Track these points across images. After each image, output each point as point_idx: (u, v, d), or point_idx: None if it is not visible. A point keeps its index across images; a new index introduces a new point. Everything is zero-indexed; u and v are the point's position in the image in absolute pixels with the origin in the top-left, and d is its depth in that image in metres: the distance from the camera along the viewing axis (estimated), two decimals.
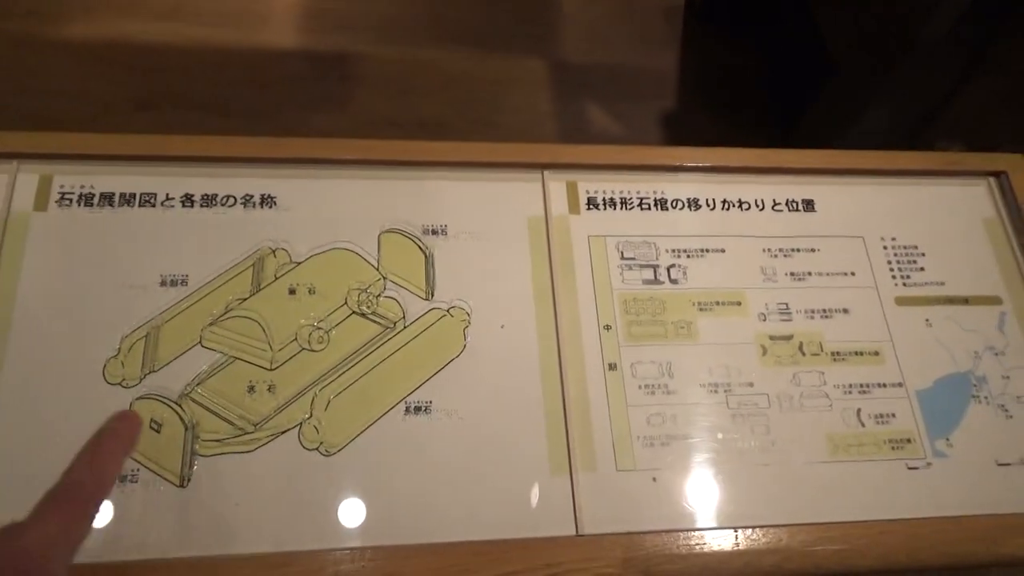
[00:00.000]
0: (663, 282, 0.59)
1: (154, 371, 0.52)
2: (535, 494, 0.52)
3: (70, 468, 0.40)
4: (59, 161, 0.57)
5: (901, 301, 0.61)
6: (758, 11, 1.78)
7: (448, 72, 1.76)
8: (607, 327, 0.57)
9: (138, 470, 0.49)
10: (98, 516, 0.45)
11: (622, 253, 0.60)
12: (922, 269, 0.62)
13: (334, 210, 0.58)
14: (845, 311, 0.60)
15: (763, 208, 0.63)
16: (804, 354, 0.58)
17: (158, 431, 0.50)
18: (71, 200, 0.56)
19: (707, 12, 1.85)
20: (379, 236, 0.58)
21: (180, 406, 0.51)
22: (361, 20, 1.81)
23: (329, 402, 0.53)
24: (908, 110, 1.39)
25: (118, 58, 1.65)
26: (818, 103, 1.49)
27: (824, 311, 0.60)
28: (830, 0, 1.46)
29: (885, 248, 0.63)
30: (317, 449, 0.51)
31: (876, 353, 0.59)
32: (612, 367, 0.56)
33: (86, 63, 1.64)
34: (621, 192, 0.62)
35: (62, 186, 0.56)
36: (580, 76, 1.80)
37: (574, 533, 0.50)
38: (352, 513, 0.50)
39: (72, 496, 0.39)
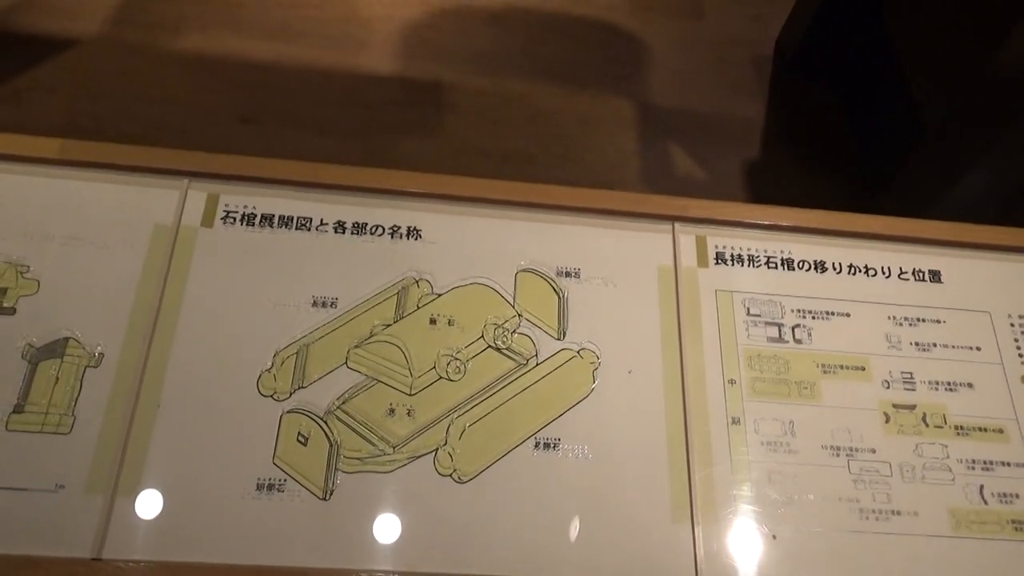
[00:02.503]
0: (788, 341, 0.60)
1: (303, 387, 0.55)
2: (656, 542, 0.53)
3: None
4: (226, 181, 0.61)
5: None
6: (848, 68, 1.77)
7: (537, 107, 1.80)
8: (731, 381, 0.58)
9: (285, 480, 0.52)
10: (248, 521, 0.48)
11: (748, 309, 0.61)
12: None
13: (475, 246, 0.61)
14: (970, 385, 0.60)
15: (889, 276, 0.64)
16: (927, 425, 0.58)
17: (304, 444, 0.53)
18: (235, 219, 0.60)
19: (797, 64, 1.85)
20: (516, 274, 0.61)
21: (326, 422, 0.54)
22: (456, 51, 1.86)
23: (464, 431, 0.55)
24: (1005, 180, 1.38)
25: (226, 72, 1.73)
26: (908, 167, 1.48)
27: (949, 384, 0.60)
28: (926, 65, 1.46)
29: (1012, 325, 0.63)
30: (451, 475, 0.53)
31: (1000, 431, 0.59)
32: (735, 421, 0.57)
33: (196, 75, 1.72)
34: (749, 249, 0.64)
35: (227, 205, 0.60)
36: (666, 119, 1.82)
37: None
38: (480, 541, 0.52)
39: None
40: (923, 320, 0.62)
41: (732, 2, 2.04)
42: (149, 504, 0.50)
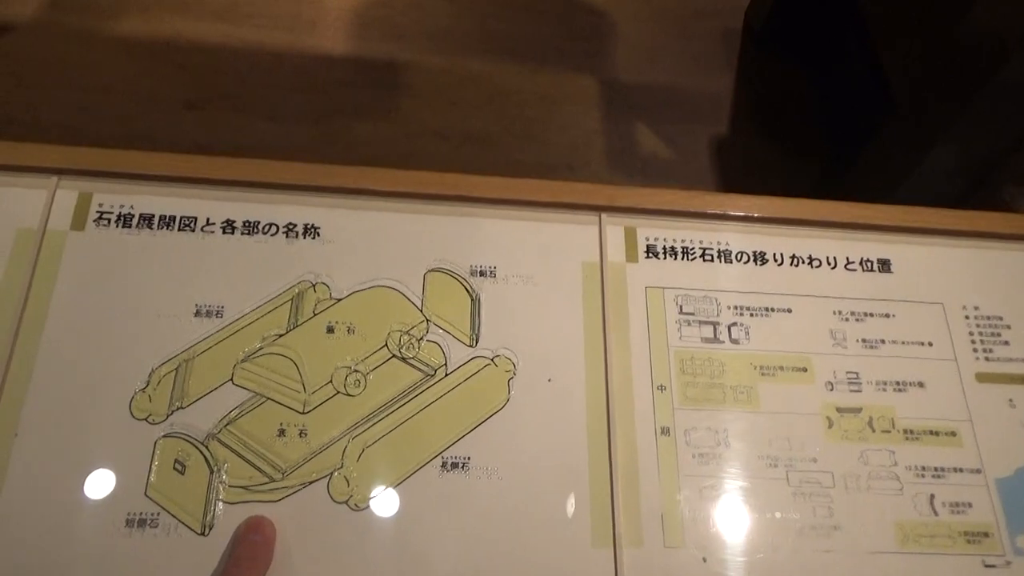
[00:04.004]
0: (723, 341, 0.55)
1: (182, 407, 0.49)
2: (574, 569, 0.48)
3: None
4: (100, 178, 0.55)
5: (982, 377, 0.56)
6: (818, 41, 1.72)
7: (497, 86, 1.74)
8: (661, 387, 0.53)
9: (158, 514, 0.47)
10: (115, 560, 0.43)
11: (681, 307, 0.56)
12: (1007, 343, 0.57)
13: (379, 245, 0.55)
14: (920, 385, 0.55)
15: (835, 266, 0.59)
16: (874, 430, 0.54)
17: (182, 472, 0.48)
18: (109, 220, 0.54)
19: (766, 38, 1.80)
20: (425, 275, 0.55)
21: (207, 447, 0.48)
22: (411, 29, 1.79)
23: (362, 452, 0.49)
24: (974, 153, 1.33)
25: (170, 56, 1.65)
26: (879, 140, 1.43)
27: (898, 383, 0.55)
28: (895, 36, 1.41)
29: (967, 317, 0.58)
30: (346, 503, 0.48)
31: (953, 434, 0.54)
32: (665, 431, 0.52)
33: (139, 60, 1.64)
34: (683, 241, 0.58)
35: (101, 204, 0.54)
36: (632, 96, 1.77)
37: None
38: (380, 575, 0.47)
39: None
40: (871, 314, 0.57)
41: None
42: (5, 544, 0.45)
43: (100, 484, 0.47)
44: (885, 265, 0.59)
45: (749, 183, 1.58)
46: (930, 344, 0.57)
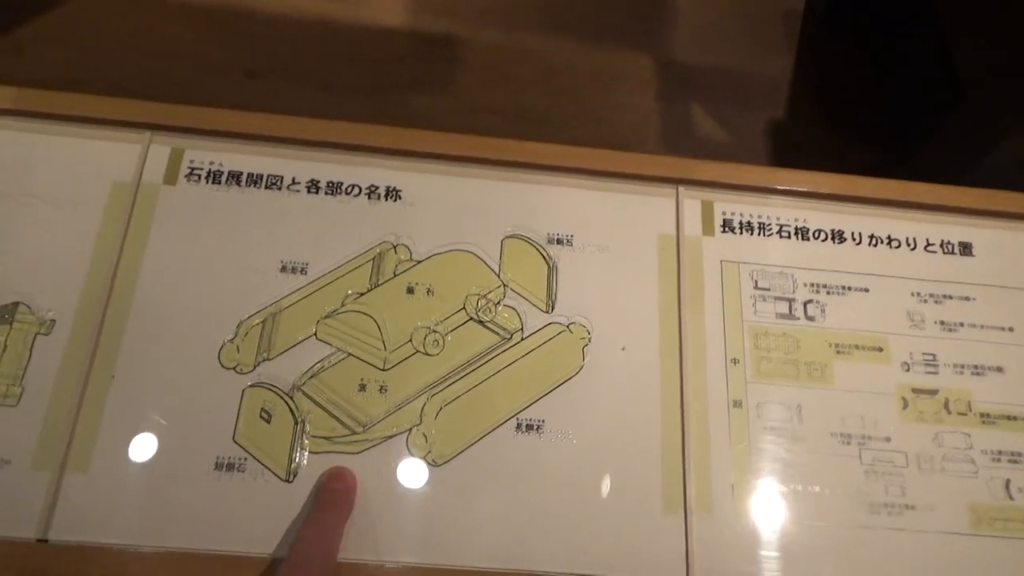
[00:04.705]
0: (799, 318, 0.55)
1: (268, 359, 0.51)
2: (645, 533, 0.49)
3: (296, 542, 0.44)
4: (191, 135, 0.57)
5: None
6: (883, 24, 1.68)
7: (552, 63, 1.73)
8: (735, 361, 0.53)
9: (246, 459, 0.48)
10: (205, 502, 0.45)
11: (756, 283, 0.56)
12: None
13: (459, 209, 0.56)
14: (999, 369, 0.55)
15: (914, 247, 0.58)
16: (950, 412, 0.53)
17: (268, 421, 0.49)
18: (200, 176, 0.56)
19: (828, 19, 1.76)
20: (503, 241, 0.56)
21: (291, 398, 0.50)
22: (468, 3, 1.79)
23: (440, 410, 0.51)
24: None
25: (231, 24, 1.67)
26: (946, 128, 1.40)
27: (976, 367, 0.54)
28: (967, 19, 1.37)
29: None
30: (425, 458, 0.49)
31: None
32: (737, 404, 0.52)
33: (201, 27, 1.67)
34: (760, 217, 0.58)
35: (192, 161, 0.56)
36: (688, 76, 1.74)
37: None
38: (456, 530, 0.48)
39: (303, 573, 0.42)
40: (950, 297, 0.56)
41: None
42: (99, 483, 0.47)
43: (191, 428, 0.49)
44: (967, 248, 0.58)
45: (806, 168, 1.56)
46: (1010, 329, 0.56)
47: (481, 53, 1.70)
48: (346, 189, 0.56)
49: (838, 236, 0.58)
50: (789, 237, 0.58)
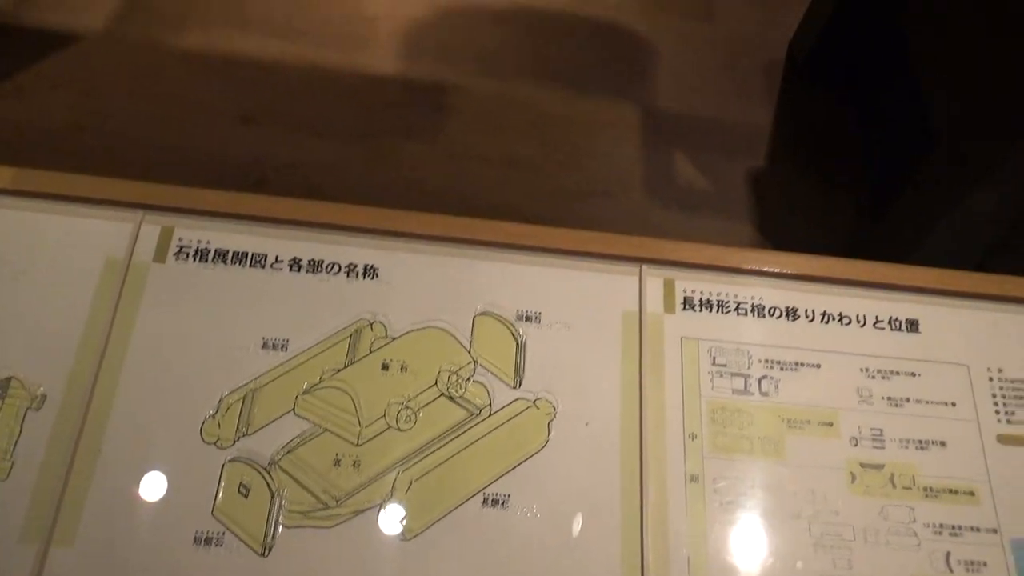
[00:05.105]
0: (753, 393, 0.58)
1: (247, 434, 0.54)
2: None
3: None
4: (181, 215, 0.60)
5: (1004, 439, 0.58)
6: (862, 75, 1.73)
7: (542, 111, 1.77)
8: (692, 436, 0.56)
9: (224, 533, 0.51)
10: (184, 574, 0.47)
11: (714, 359, 0.59)
12: None
13: (433, 287, 0.59)
14: (942, 444, 0.58)
15: (864, 324, 0.61)
16: (895, 486, 0.56)
17: (246, 496, 0.52)
18: (188, 254, 0.59)
19: (809, 69, 1.81)
20: (474, 318, 0.59)
21: (269, 473, 0.53)
22: (460, 52, 1.84)
23: (411, 485, 0.53)
24: (1017, 199, 1.33)
25: (228, 70, 1.72)
26: (918, 179, 1.44)
27: (920, 442, 0.57)
28: (940, 73, 1.42)
29: (991, 379, 0.60)
30: (395, 532, 0.52)
31: (971, 493, 0.56)
32: (694, 479, 0.55)
33: (199, 72, 1.71)
34: (719, 294, 0.61)
35: (181, 239, 0.59)
36: (672, 124, 1.79)
37: None
38: None
39: None
40: (897, 373, 0.60)
41: (744, 4, 2.00)
42: (84, 557, 0.50)
43: (173, 502, 0.51)
44: (913, 325, 0.62)
45: (786, 216, 1.60)
46: (953, 404, 0.59)
47: (472, 101, 1.75)
48: (326, 267, 0.60)
49: (792, 313, 0.61)
50: (746, 314, 0.61)
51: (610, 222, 1.53)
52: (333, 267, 0.60)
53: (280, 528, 0.51)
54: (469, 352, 0.58)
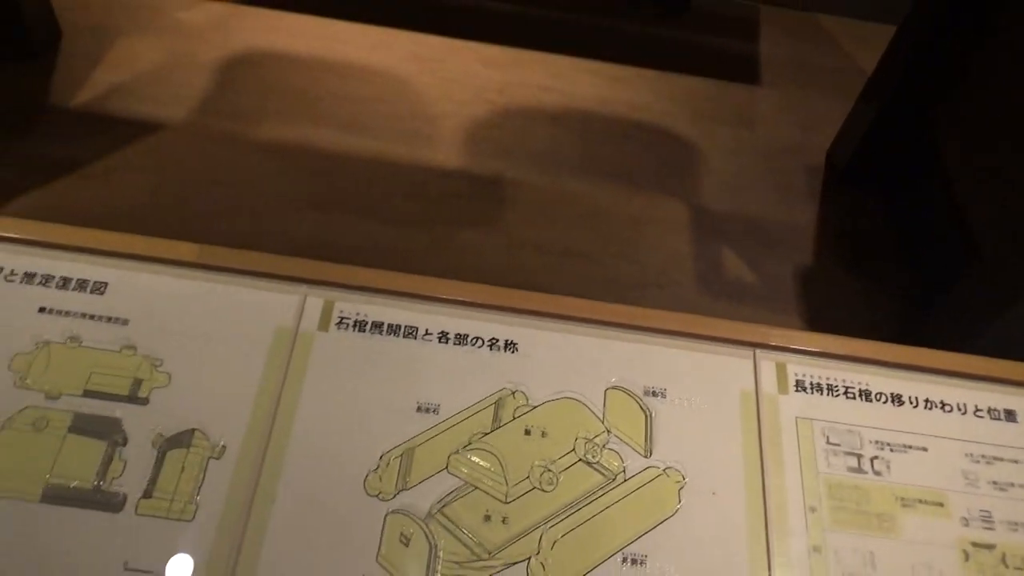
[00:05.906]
0: (867, 472, 0.63)
1: (406, 488, 0.59)
2: None
3: None
4: (340, 289, 0.66)
5: None
6: (901, 184, 1.82)
7: (594, 206, 1.87)
8: (812, 508, 0.61)
9: None
10: None
11: (827, 438, 0.64)
12: None
13: (567, 362, 0.65)
14: None
15: (964, 412, 0.66)
16: (1007, 566, 0.59)
17: (407, 545, 0.56)
18: (348, 324, 0.65)
19: (848, 175, 1.90)
20: (606, 391, 0.64)
21: (427, 525, 0.57)
22: (519, 149, 1.95)
23: (556, 542, 0.57)
24: None
25: (300, 160, 1.83)
26: (962, 287, 1.50)
27: None
28: (978, 183, 1.49)
29: None
30: None
31: None
32: (816, 550, 0.59)
33: (273, 161, 1.82)
34: (828, 379, 0.67)
35: (342, 311, 0.66)
36: (718, 222, 1.88)
37: None
38: None
39: None
40: (1000, 459, 0.64)
41: (783, 112, 2.12)
42: None
43: (341, 548, 0.56)
44: (1011, 415, 0.66)
45: (831, 312, 1.66)
46: None
47: (528, 194, 1.85)
48: (471, 340, 0.66)
49: (897, 399, 0.66)
50: (854, 398, 0.66)
51: None
52: (477, 340, 0.66)
53: None
54: (603, 422, 0.63)
